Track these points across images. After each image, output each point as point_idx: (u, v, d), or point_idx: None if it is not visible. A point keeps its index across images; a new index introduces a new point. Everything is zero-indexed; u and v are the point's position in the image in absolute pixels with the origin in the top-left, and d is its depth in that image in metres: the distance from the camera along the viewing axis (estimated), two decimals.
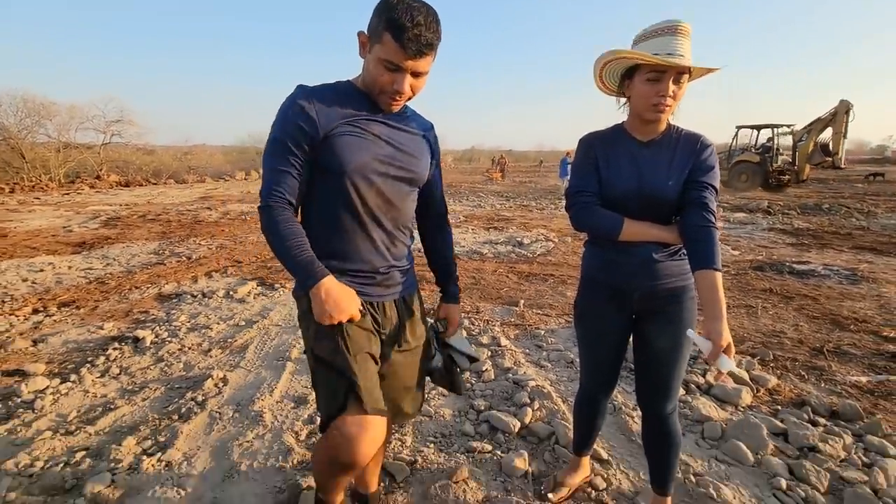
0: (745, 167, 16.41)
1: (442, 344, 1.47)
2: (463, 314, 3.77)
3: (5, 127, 18.67)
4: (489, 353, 2.99)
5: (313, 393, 2.45)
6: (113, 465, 1.86)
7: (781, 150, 16.45)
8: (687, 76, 1.22)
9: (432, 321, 1.51)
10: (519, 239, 7.16)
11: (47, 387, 2.54)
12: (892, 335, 3.38)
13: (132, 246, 6.65)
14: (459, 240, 7.20)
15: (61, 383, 2.59)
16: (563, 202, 1.53)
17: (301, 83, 1.17)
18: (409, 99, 1.21)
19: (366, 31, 1.13)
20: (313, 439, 2.09)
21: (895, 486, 1.77)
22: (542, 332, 3.37)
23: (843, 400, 2.41)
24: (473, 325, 3.55)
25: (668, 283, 1.33)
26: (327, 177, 1.15)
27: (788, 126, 16.30)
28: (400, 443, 2.04)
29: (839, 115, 14.59)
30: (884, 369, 2.88)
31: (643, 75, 1.22)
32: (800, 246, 6.86)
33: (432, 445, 2.02)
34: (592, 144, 1.37)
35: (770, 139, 16.63)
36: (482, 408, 2.31)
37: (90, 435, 2.10)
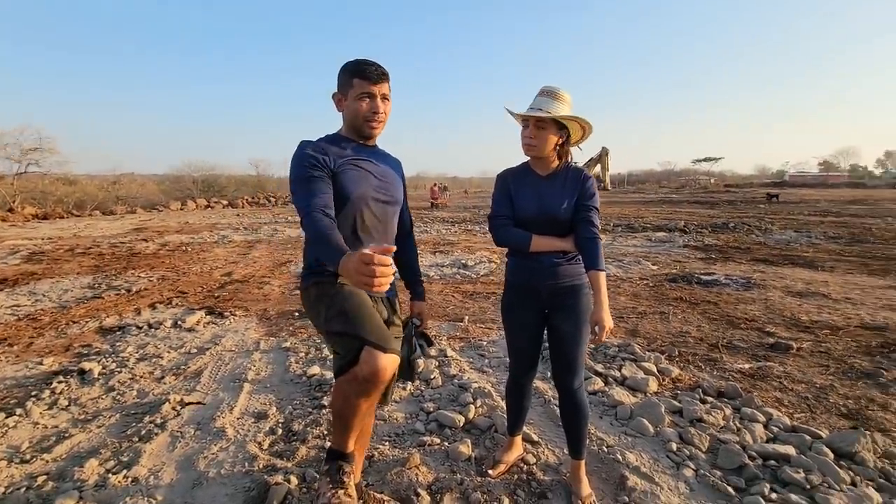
0: None
1: (419, 335, 1.81)
2: None
3: None
4: (437, 364, 3.27)
5: (272, 407, 2.63)
6: (79, 484, 1.94)
7: None
8: (547, 126, 1.61)
9: (409, 318, 1.83)
10: (464, 261, 7.58)
11: None
12: (772, 330, 4.06)
13: (63, 281, 6.33)
14: None
15: (6, 417, 2.56)
16: None
17: (304, 139, 1.50)
18: (384, 123, 1.58)
19: (338, 91, 1.54)
20: (276, 447, 2.25)
21: (758, 443, 2.24)
22: (485, 343, 3.72)
23: (729, 382, 2.93)
24: None
25: (568, 282, 1.71)
26: (336, 203, 1.46)
27: (575, 162, 24.41)
28: None
29: (603, 156, 21.15)
30: (763, 357, 3.49)
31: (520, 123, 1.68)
32: (708, 260, 7.80)
33: (388, 443, 2.26)
34: (506, 178, 1.77)
35: None
36: (431, 409, 2.58)
37: (48, 462, 2.14)
